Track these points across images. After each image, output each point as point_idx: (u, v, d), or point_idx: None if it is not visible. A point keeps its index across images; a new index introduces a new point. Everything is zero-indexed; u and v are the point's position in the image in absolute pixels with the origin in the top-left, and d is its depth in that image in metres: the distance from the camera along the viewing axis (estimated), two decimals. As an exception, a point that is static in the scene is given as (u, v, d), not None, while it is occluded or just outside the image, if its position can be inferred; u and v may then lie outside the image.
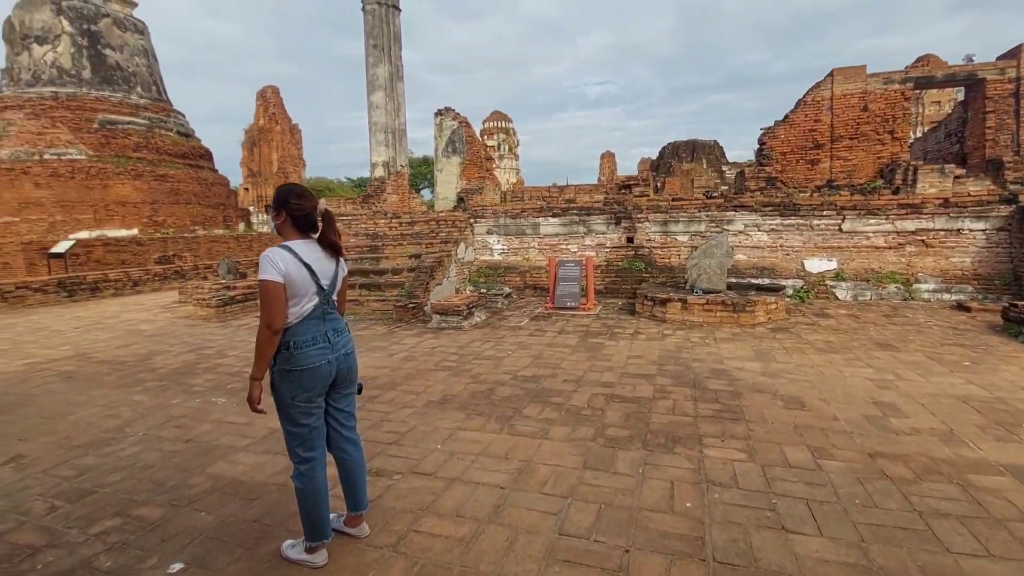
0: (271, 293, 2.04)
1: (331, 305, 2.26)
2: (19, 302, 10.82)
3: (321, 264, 2.19)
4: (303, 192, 2.21)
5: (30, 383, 5.22)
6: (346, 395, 2.39)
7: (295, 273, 2.08)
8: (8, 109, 20.27)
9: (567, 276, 8.31)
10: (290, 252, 2.11)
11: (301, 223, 2.19)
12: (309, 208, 2.18)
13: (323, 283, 2.19)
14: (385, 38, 13.37)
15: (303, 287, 2.11)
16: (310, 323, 2.16)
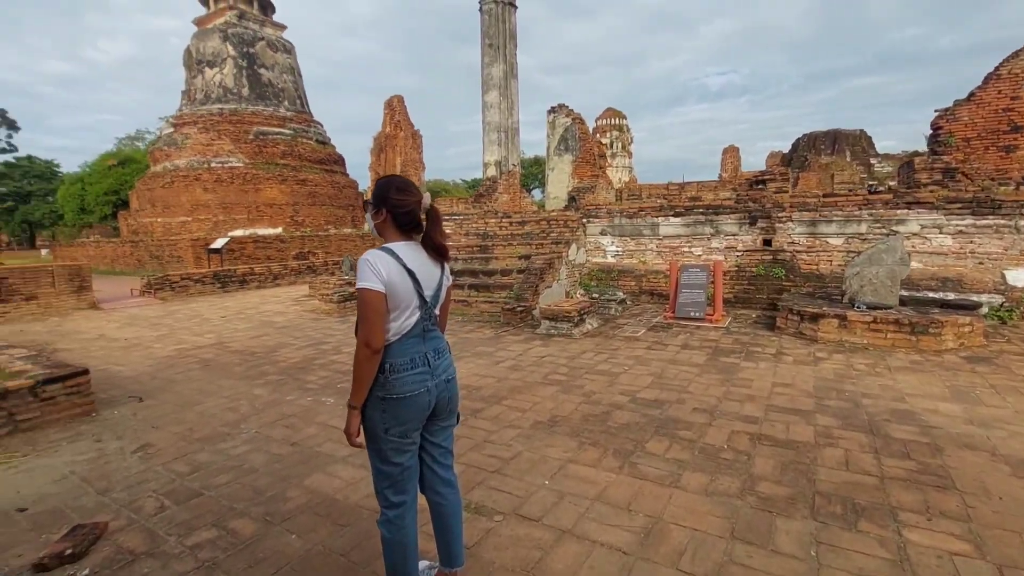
0: (370, 304, 1.70)
1: (432, 321, 1.89)
2: (184, 291, 12.38)
3: (426, 271, 1.83)
4: (405, 185, 1.86)
5: (175, 369, 5.69)
6: (444, 428, 2.00)
7: (398, 281, 1.74)
8: (186, 125, 23.68)
9: (691, 282, 7.42)
10: (392, 256, 1.76)
11: (403, 222, 1.84)
12: (412, 204, 1.83)
13: (426, 294, 1.83)
14: (501, 36, 13.27)
15: (405, 298, 1.77)
16: (409, 342, 1.80)
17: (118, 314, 9.88)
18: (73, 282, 10.52)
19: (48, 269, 10.31)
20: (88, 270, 10.88)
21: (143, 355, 6.37)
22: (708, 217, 8.73)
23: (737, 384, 4.62)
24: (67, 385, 4.17)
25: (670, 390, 4.48)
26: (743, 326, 7.09)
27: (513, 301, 7.95)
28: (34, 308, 9.94)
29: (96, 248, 23.88)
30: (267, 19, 25.58)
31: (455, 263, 9.98)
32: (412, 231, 1.87)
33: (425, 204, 1.85)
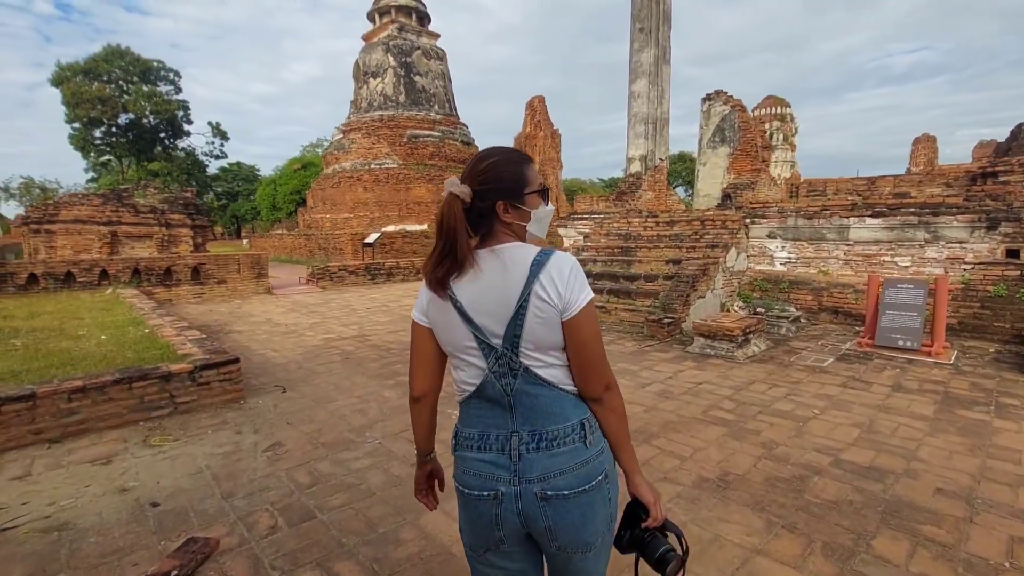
0: (412, 335, 1.26)
1: (524, 377, 1.12)
2: (340, 281, 13.44)
3: (486, 295, 1.11)
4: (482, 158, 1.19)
5: (319, 359, 5.85)
6: (567, 560, 1.19)
7: (434, 312, 1.17)
8: (352, 131, 26.20)
9: (900, 302, 5.78)
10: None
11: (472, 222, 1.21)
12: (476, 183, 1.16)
13: (488, 331, 1.11)
14: (653, 19, 12.17)
15: (449, 339, 1.17)
16: (476, 408, 1.18)
17: (285, 300, 10.94)
18: (254, 269, 11.94)
19: (235, 258, 11.82)
20: (266, 260, 12.28)
21: (296, 343, 6.74)
22: (922, 219, 6.83)
23: (996, 455, 3.25)
24: (221, 372, 4.36)
25: (890, 453, 3.29)
26: (978, 364, 5.30)
27: (659, 312, 7.01)
28: (223, 291, 11.45)
29: (280, 240, 27.65)
30: (423, 29, 27.25)
31: (592, 265, 9.27)
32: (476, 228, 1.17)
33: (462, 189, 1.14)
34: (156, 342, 5.33)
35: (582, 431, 1.14)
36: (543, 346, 1.11)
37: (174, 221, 14.99)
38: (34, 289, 9.71)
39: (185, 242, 15.15)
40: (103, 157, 39.40)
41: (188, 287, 11.12)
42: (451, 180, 1.12)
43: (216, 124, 42.98)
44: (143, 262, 10.83)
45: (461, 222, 1.10)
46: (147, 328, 6.14)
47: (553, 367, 1.13)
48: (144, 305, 7.89)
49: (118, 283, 10.46)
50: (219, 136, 43.35)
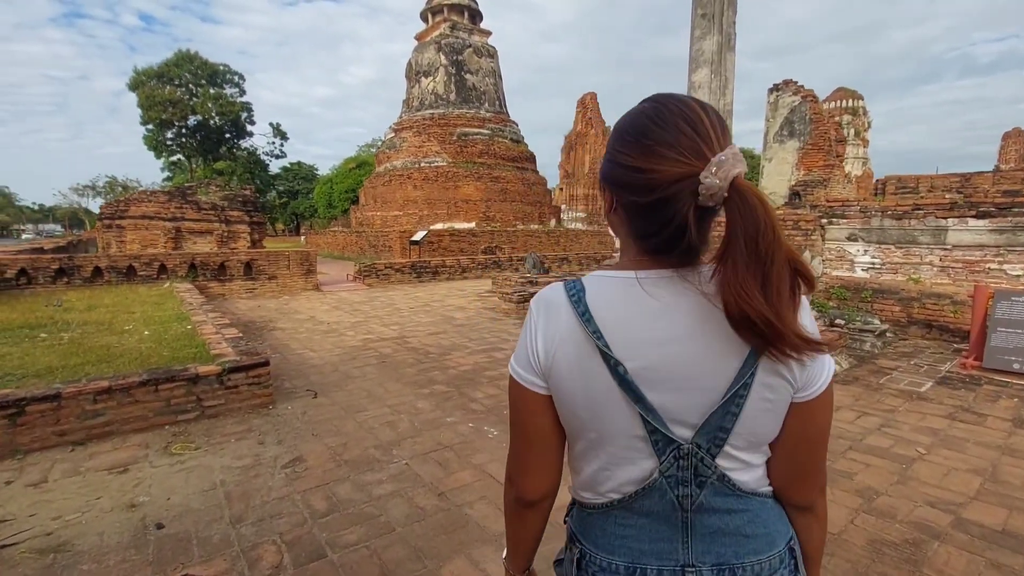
0: (514, 405, 0.80)
1: (716, 487, 0.73)
2: (386, 279, 13.41)
3: (679, 355, 0.69)
4: (660, 127, 0.66)
5: (356, 362, 5.63)
6: None
7: (570, 370, 0.73)
8: (404, 130, 26.45)
9: (1016, 318, 4.89)
10: (576, 307, 0.73)
11: (640, 227, 0.72)
12: (668, 184, 0.65)
13: (670, 415, 0.71)
14: (716, 3, 11.31)
15: (593, 418, 0.74)
16: (623, 523, 0.77)
17: (331, 297, 10.95)
18: (303, 266, 12.06)
19: (285, 254, 11.98)
20: (315, 256, 12.39)
21: (335, 343, 6.57)
22: (1043, 220, 5.83)
23: None
24: (250, 375, 4.16)
25: (1022, 512, 2.61)
26: (1124, 396, 4.38)
27: (721, 320, 6.35)
28: (273, 286, 11.62)
29: (333, 237, 28.34)
30: (475, 27, 27.14)
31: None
32: (657, 251, 0.72)
33: (712, 183, 0.63)
34: (193, 340, 5.25)
35: (792, 562, 0.78)
36: (759, 441, 0.74)
37: (233, 218, 15.47)
38: (99, 282, 10.14)
39: (243, 238, 15.61)
40: (174, 157, 41.94)
41: (241, 282, 11.34)
42: (735, 152, 0.64)
43: (276, 125, 44.85)
44: (199, 257, 11.13)
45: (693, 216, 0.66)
46: (190, 324, 6.12)
47: (756, 468, 0.76)
48: (194, 300, 8.00)
49: (175, 277, 10.79)
50: (279, 136, 45.20)
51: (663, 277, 0.71)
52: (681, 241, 0.67)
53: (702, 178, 0.63)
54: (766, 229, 0.62)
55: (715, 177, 0.62)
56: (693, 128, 0.65)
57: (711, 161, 0.63)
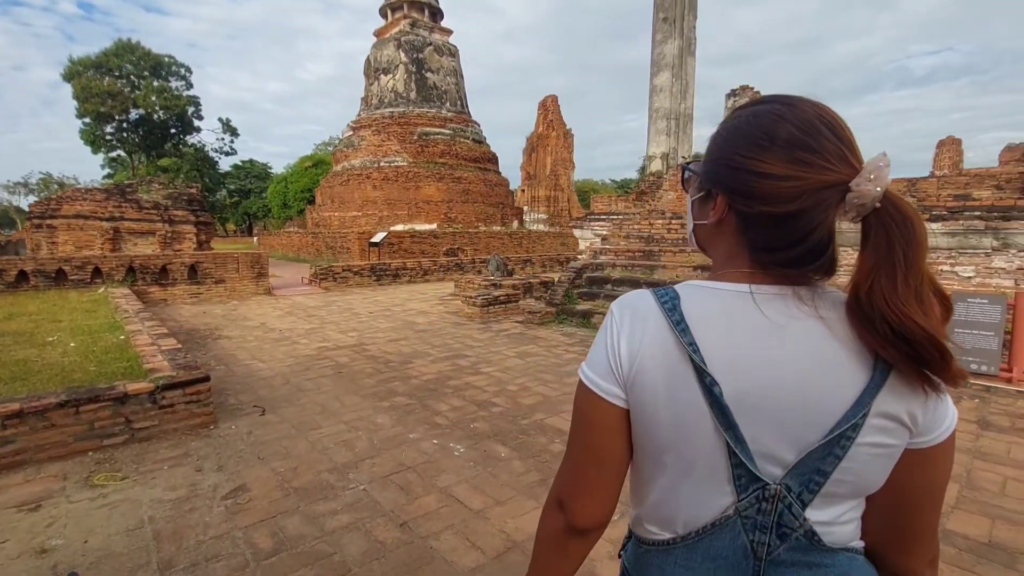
0: (579, 416, 0.71)
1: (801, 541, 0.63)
2: (344, 282, 12.88)
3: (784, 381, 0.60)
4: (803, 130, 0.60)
5: (309, 373, 5.24)
6: None
7: (659, 379, 0.63)
8: (362, 128, 25.73)
9: (971, 319, 5.03)
10: (670, 316, 0.64)
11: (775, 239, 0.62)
12: (816, 190, 0.58)
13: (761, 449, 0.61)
14: (678, 8, 11.45)
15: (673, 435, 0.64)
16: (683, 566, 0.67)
17: (284, 301, 10.38)
18: (254, 269, 11.41)
19: (234, 256, 11.30)
20: (266, 259, 11.75)
21: (287, 352, 6.14)
22: (990, 224, 6.06)
23: None
24: (187, 392, 3.75)
25: (1008, 522, 2.58)
26: (1070, 394, 4.55)
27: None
28: (221, 291, 10.93)
29: (288, 238, 27.26)
30: (436, 25, 26.71)
31: (612, 270, 8.60)
32: (793, 264, 0.62)
33: (868, 190, 0.56)
34: (125, 353, 4.76)
35: None
36: (860, 493, 0.65)
37: (177, 218, 14.55)
38: (23, 287, 9.24)
39: (188, 239, 14.71)
40: (114, 152, 39.44)
41: (185, 286, 10.61)
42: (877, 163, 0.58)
43: (226, 120, 42.93)
44: (138, 260, 10.34)
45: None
46: (123, 335, 5.58)
47: (850, 523, 0.66)
48: (130, 307, 7.36)
49: (111, 282, 9.98)
50: (229, 132, 43.27)
51: (779, 295, 0.63)
52: (820, 255, 0.61)
53: (854, 185, 0.57)
54: (922, 244, 0.58)
55: (873, 184, 0.57)
56: (834, 133, 0.60)
57: (866, 167, 0.58)
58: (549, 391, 4.65)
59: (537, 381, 4.96)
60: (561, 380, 4.98)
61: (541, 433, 3.69)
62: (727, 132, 0.67)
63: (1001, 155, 32.67)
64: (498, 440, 3.57)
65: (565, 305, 8.09)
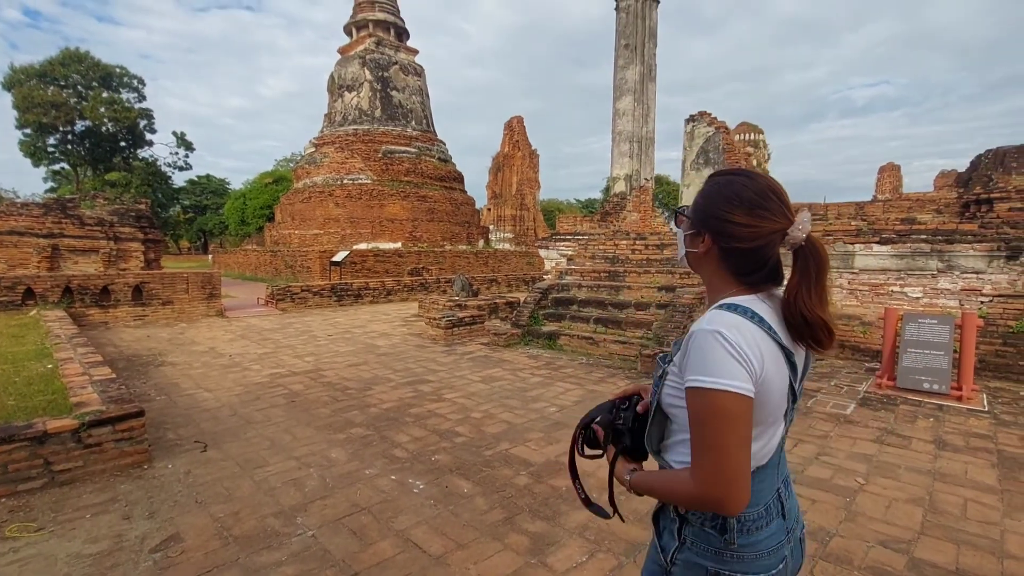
0: (733, 422, 0.88)
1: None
2: (302, 303, 12.42)
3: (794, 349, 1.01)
4: (759, 197, 0.97)
5: (259, 403, 4.91)
6: None
7: (774, 373, 0.93)
8: (325, 145, 25.28)
9: (922, 339, 5.20)
10: (761, 324, 0.94)
11: (745, 265, 1.01)
12: (767, 234, 0.97)
13: (798, 389, 1.01)
14: (639, 35, 11.80)
15: (778, 403, 0.97)
16: (764, 475, 1.02)
17: (237, 324, 9.88)
18: (205, 289, 10.85)
19: (183, 276, 10.73)
20: (218, 279, 11.21)
21: (236, 379, 5.77)
22: (935, 247, 6.34)
23: (1104, 548, 2.56)
24: (118, 429, 3.41)
25: (973, 547, 2.57)
26: (1017, 411, 4.71)
27: (653, 345, 6.31)
28: (168, 313, 10.32)
29: (244, 256, 26.30)
30: (401, 44, 26.73)
31: (577, 291, 8.57)
32: (761, 281, 1.01)
33: (797, 235, 0.96)
34: (51, 384, 4.35)
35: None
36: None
37: (124, 235, 13.76)
38: (-58, 310, 8.46)
39: (135, 257, 13.91)
40: (57, 165, 37.36)
41: (128, 308, 9.97)
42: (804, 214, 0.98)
43: (181, 134, 41.45)
44: (76, 280, 9.66)
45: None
46: (52, 363, 5.12)
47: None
48: (64, 331, 6.81)
49: (45, 304, 9.28)
50: (184, 147, 41.79)
51: (762, 299, 0.99)
52: (774, 275, 1.00)
53: (790, 231, 0.96)
54: (826, 266, 0.97)
55: (800, 231, 0.95)
56: (778, 198, 0.97)
57: (797, 220, 0.96)
58: (514, 418, 4.49)
59: (502, 407, 4.79)
60: (527, 406, 4.83)
61: (506, 465, 3.53)
62: (712, 193, 1.02)
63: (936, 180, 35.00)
64: (460, 474, 3.38)
65: (531, 326, 7.98)
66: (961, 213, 10.09)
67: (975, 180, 23.54)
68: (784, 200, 0.96)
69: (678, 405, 0.97)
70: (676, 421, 1.01)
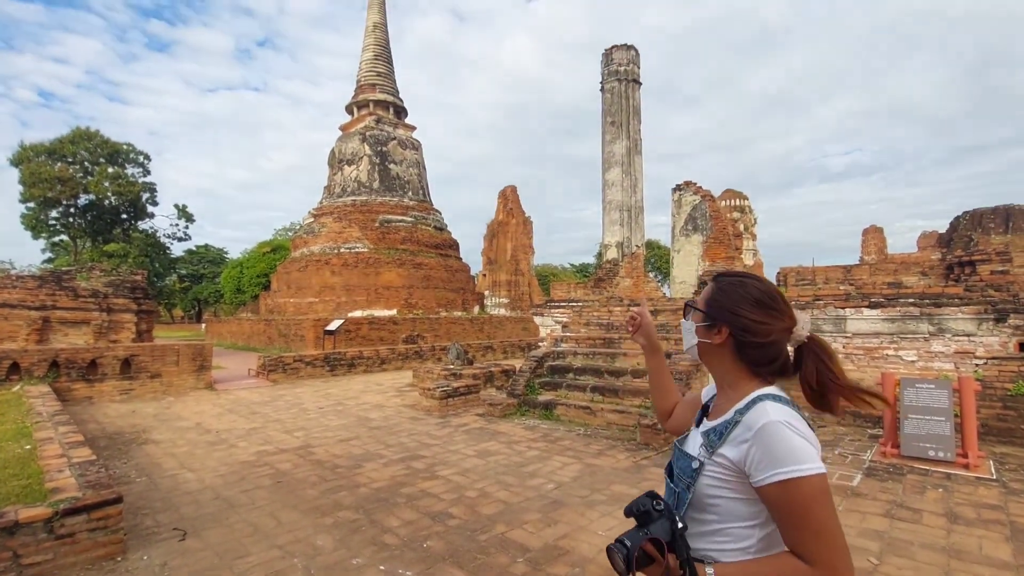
0: (828, 499, 0.93)
1: None
2: (294, 373, 12.22)
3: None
4: (769, 297, 1.10)
5: (244, 484, 4.71)
6: None
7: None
8: (324, 215, 25.93)
9: (924, 405, 5.14)
10: (799, 410, 1.02)
11: (759, 357, 1.10)
12: (779, 332, 1.09)
13: None
14: (624, 113, 12.52)
15: None
16: None
17: (226, 397, 9.66)
18: (195, 361, 10.69)
19: (175, 347, 10.60)
20: (210, 350, 11.08)
21: (222, 457, 5.56)
22: (924, 310, 6.42)
23: None
24: (93, 517, 3.23)
25: (1002, 637, 2.41)
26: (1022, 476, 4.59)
27: (652, 414, 6.19)
28: (156, 386, 10.10)
29: (238, 325, 26.15)
30: (400, 122, 28.16)
31: (573, 358, 8.52)
32: (772, 374, 1.10)
33: (801, 333, 1.09)
34: (28, 468, 4.17)
35: None
36: None
37: (117, 306, 13.73)
38: (-78, 387, 8.25)
39: (127, 329, 13.81)
40: (57, 237, 37.88)
41: (115, 382, 9.76)
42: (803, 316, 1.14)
43: (182, 207, 42.47)
44: (64, 353, 9.52)
45: None
46: (31, 444, 4.93)
47: None
48: (46, 408, 6.62)
49: (30, 378, 9.08)
50: (184, 218, 42.68)
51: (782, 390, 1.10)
52: (785, 368, 1.10)
53: (796, 330, 1.09)
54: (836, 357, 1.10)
55: (804, 330, 1.10)
56: (783, 300, 1.11)
57: (800, 321, 1.10)
58: (511, 496, 4.31)
59: (498, 484, 4.61)
60: (523, 483, 4.65)
61: (502, 551, 3.34)
62: (728, 291, 1.13)
63: (919, 241, 36.02)
64: (454, 562, 3.19)
65: (527, 396, 7.85)
66: (946, 275, 10.32)
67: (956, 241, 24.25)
68: (787, 302, 1.11)
69: (723, 496, 1.02)
70: (715, 511, 1.04)
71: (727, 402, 1.11)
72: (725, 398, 1.13)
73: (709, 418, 1.15)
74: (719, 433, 1.05)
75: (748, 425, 0.99)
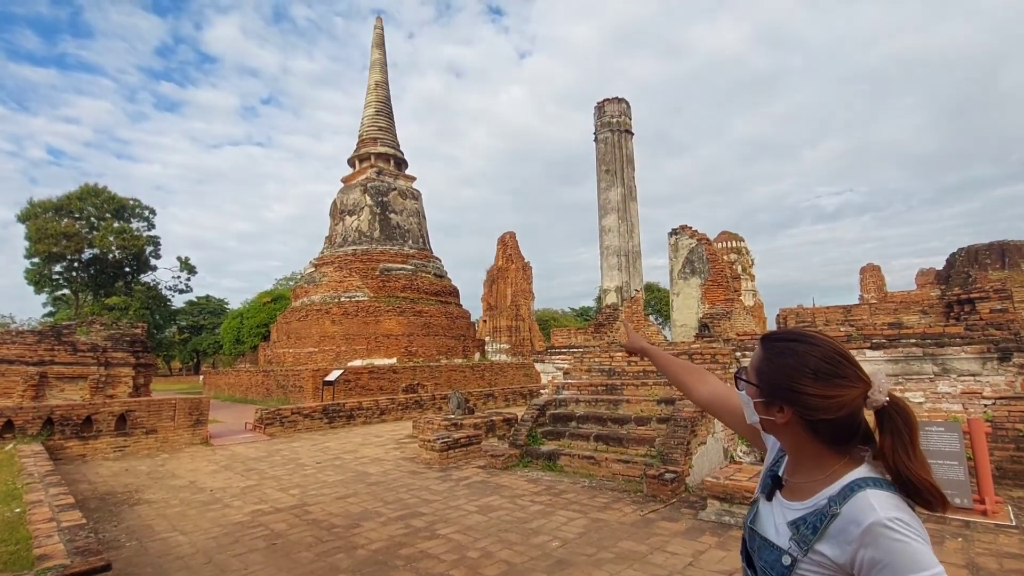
0: None
1: None
2: (292, 426, 11.99)
3: None
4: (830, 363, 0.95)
5: (237, 547, 4.54)
6: None
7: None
8: (325, 264, 26.20)
9: (933, 448, 5.02)
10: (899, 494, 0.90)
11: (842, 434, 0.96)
12: (851, 402, 0.93)
13: None
14: (617, 162, 12.89)
15: None
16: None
17: (222, 452, 9.44)
18: (191, 416, 10.53)
19: (171, 402, 10.47)
20: (207, 404, 10.93)
21: (215, 518, 5.38)
22: (926, 350, 6.39)
23: None
24: (78, 588, 3.11)
25: None
26: (1047, 527, 4.42)
27: (659, 464, 6.04)
28: (151, 442, 9.90)
29: (236, 376, 25.88)
30: (400, 173, 28.94)
31: (575, 406, 8.39)
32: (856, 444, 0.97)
33: (880, 398, 0.92)
34: (16, 533, 4.04)
35: None
36: None
37: (115, 360, 13.65)
38: (-88, 448, 8.08)
39: (124, 383, 13.67)
40: (59, 291, 38.11)
41: (110, 439, 9.56)
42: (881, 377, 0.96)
43: (185, 259, 42.93)
44: (59, 410, 9.38)
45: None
46: (20, 507, 4.79)
47: None
48: (38, 469, 6.45)
49: (23, 437, 8.91)
50: (186, 270, 43.06)
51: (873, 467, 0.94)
52: (869, 436, 0.96)
53: (871, 394, 0.92)
54: (917, 427, 0.93)
55: (881, 394, 0.92)
56: (849, 361, 0.94)
57: (875, 384, 0.92)
58: (513, 556, 4.15)
59: (501, 543, 4.44)
60: (527, 540, 4.49)
61: (506, 615, 3.19)
62: (775, 361, 0.98)
63: (917, 278, 36.21)
64: (456, 630, 3.04)
65: (529, 446, 7.68)
66: (946, 314, 10.31)
67: (953, 278, 24.34)
68: (853, 361, 0.94)
69: None
70: None
71: (811, 483, 0.97)
72: (806, 476, 0.99)
73: (786, 495, 1.01)
74: (812, 527, 0.92)
75: (852, 520, 0.87)
